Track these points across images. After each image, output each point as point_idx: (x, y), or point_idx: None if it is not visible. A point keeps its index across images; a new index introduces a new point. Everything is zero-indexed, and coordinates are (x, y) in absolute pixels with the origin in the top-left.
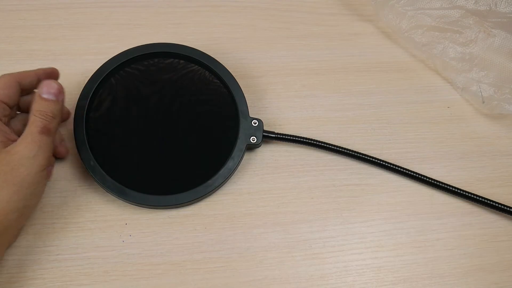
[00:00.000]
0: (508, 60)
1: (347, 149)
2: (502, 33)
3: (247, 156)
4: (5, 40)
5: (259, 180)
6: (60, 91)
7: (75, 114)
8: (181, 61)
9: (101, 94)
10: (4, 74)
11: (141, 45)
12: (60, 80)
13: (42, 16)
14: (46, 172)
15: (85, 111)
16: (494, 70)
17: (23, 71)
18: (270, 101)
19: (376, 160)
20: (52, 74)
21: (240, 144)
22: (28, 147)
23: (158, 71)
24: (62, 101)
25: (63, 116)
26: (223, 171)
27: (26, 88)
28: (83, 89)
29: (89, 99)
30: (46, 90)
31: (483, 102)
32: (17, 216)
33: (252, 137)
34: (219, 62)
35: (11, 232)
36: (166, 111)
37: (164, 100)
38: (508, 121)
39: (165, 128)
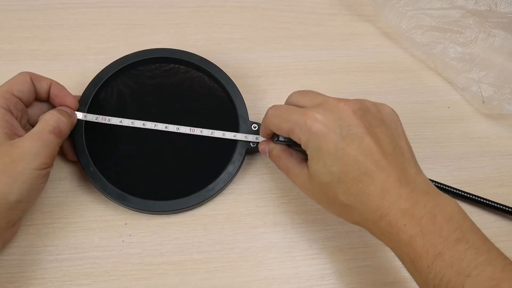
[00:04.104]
0: (508, 60)
1: None
2: (502, 33)
3: (247, 156)
4: (5, 40)
5: (259, 180)
6: (75, 115)
7: None
8: (180, 67)
9: (100, 99)
10: (21, 72)
11: (141, 51)
12: (60, 80)
13: (42, 16)
14: (45, 172)
15: (85, 116)
16: (494, 70)
17: (39, 75)
18: (271, 101)
19: None
20: (66, 98)
21: (240, 148)
22: (33, 143)
23: (158, 76)
24: (74, 120)
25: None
26: (223, 176)
27: (38, 91)
28: (82, 94)
29: (88, 105)
30: (63, 108)
31: (483, 102)
32: (7, 209)
33: (251, 142)
34: (218, 67)
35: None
36: (165, 116)
37: (163, 105)
38: (508, 121)
39: (165, 133)
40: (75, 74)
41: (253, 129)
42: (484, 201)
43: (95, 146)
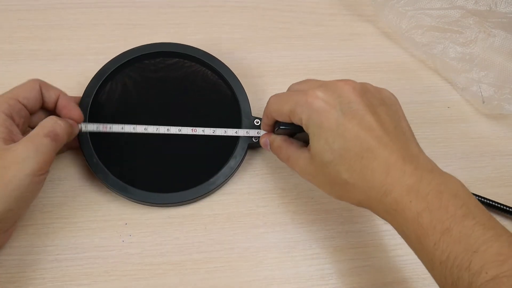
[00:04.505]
0: (508, 60)
1: None
2: (502, 33)
3: (247, 156)
4: (5, 40)
5: (259, 180)
6: (76, 127)
7: None
8: (184, 61)
9: (104, 92)
10: (31, 79)
11: (145, 45)
12: (60, 80)
13: (42, 16)
14: (39, 179)
15: (88, 109)
16: (494, 70)
17: (49, 84)
18: None
19: None
20: (73, 111)
21: (242, 143)
22: (26, 147)
23: (161, 70)
24: (76, 131)
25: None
26: (225, 170)
27: (45, 100)
28: (87, 86)
29: (92, 97)
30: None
31: (483, 102)
32: None
33: (254, 137)
34: (221, 62)
35: None
36: (168, 109)
37: (167, 98)
38: (508, 121)
39: (168, 126)
40: (75, 74)
41: (256, 124)
42: (484, 201)
43: (98, 138)
